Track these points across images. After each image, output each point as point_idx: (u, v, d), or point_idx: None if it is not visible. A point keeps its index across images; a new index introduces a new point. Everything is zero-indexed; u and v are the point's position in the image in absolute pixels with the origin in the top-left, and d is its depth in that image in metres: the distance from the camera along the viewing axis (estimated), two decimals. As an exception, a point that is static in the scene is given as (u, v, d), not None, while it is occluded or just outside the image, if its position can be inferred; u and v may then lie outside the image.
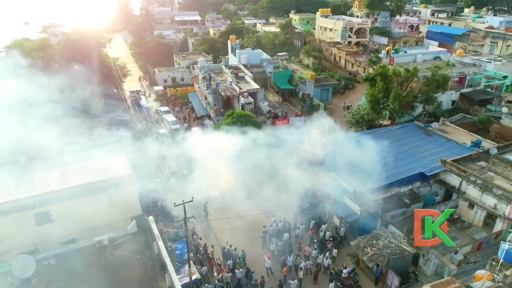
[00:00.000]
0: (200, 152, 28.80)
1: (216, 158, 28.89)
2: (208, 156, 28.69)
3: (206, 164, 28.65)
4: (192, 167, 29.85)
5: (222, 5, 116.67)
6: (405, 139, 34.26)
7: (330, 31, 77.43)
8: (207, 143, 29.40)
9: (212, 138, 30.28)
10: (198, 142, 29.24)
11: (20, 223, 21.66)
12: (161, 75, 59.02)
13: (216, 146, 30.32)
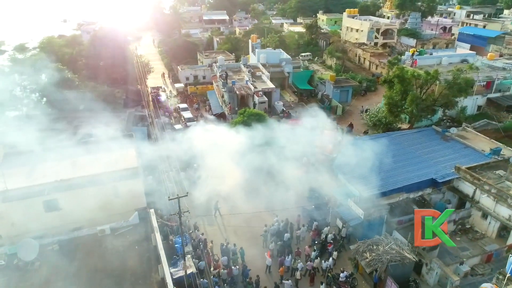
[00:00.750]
0: (207, 147, 29.19)
1: (221, 155, 29.25)
2: (215, 152, 29.07)
3: (213, 161, 29.05)
4: (201, 163, 30.31)
5: (250, 5, 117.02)
6: (420, 143, 33.19)
7: (356, 32, 75.99)
8: (213, 139, 29.74)
9: (218, 134, 30.58)
10: (205, 138, 29.60)
11: (30, 209, 22.74)
12: (184, 72, 60.12)
13: (222, 142, 30.70)
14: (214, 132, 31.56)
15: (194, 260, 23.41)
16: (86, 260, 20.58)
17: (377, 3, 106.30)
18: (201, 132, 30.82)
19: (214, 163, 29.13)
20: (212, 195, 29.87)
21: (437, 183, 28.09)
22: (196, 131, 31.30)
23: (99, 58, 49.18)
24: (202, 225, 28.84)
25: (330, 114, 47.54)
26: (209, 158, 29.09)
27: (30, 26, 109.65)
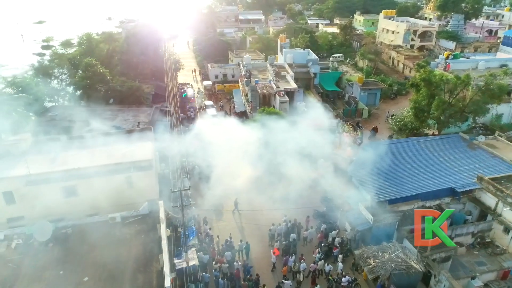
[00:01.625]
0: (220, 144, 29.68)
1: (234, 153, 29.64)
2: (227, 149, 29.51)
3: (225, 158, 29.49)
4: (214, 159, 30.84)
5: (287, 5, 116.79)
6: (444, 151, 31.75)
7: (392, 34, 73.77)
8: (226, 135, 30.18)
9: (232, 131, 30.97)
10: (218, 134, 30.07)
11: (50, 193, 24.22)
12: (213, 70, 61.17)
13: (235, 139, 31.09)
14: (228, 129, 31.95)
15: (199, 253, 23.92)
16: (94, 244, 21.61)
17: (418, 5, 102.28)
18: (216, 128, 31.31)
19: (227, 160, 29.59)
20: (228, 191, 30.38)
21: (456, 192, 26.78)
22: (211, 127, 31.84)
23: (132, 54, 51.24)
24: (214, 219, 29.31)
25: (355, 117, 46.85)
26: (222, 155, 29.57)
27: (78, 23, 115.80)
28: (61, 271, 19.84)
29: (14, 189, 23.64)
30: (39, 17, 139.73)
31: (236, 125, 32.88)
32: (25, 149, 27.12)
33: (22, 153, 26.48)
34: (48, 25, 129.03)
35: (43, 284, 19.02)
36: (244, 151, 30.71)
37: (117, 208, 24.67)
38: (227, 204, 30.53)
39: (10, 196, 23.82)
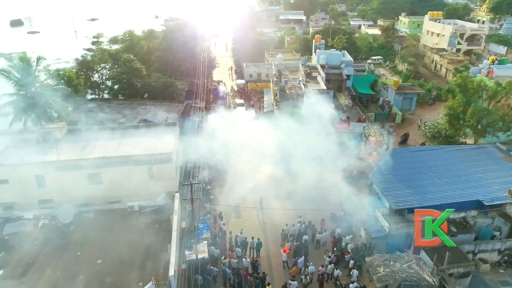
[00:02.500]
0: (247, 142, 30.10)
1: (255, 152, 29.89)
2: (249, 148, 29.82)
3: (245, 156, 29.83)
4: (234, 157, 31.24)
5: (329, 6, 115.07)
6: (476, 161, 29.96)
7: (437, 36, 70.43)
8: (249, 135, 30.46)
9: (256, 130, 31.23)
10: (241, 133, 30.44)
11: (77, 179, 25.90)
12: (248, 69, 61.82)
13: (261, 139, 31.28)
14: (253, 128, 32.21)
15: (210, 247, 24.43)
16: (111, 230, 22.80)
17: (469, 6, 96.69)
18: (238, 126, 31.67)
19: (246, 159, 29.93)
20: (246, 190, 30.73)
21: (484, 206, 25.24)
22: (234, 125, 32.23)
23: (169, 51, 53.04)
24: (232, 216, 29.67)
25: (387, 121, 45.39)
26: (240, 153, 29.93)
27: (128, 21, 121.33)
28: (78, 252, 21.15)
29: (45, 173, 25.46)
30: (92, 15, 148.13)
31: (258, 124, 33.05)
32: (59, 137, 29.07)
33: (56, 140, 28.42)
34: (100, 22, 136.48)
35: (61, 263, 20.38)
36: (262, 150, 30.93)
37: (138, 197, 25.80)
38: (244, 202, 30.75)
39: (42, 180, 25.71)
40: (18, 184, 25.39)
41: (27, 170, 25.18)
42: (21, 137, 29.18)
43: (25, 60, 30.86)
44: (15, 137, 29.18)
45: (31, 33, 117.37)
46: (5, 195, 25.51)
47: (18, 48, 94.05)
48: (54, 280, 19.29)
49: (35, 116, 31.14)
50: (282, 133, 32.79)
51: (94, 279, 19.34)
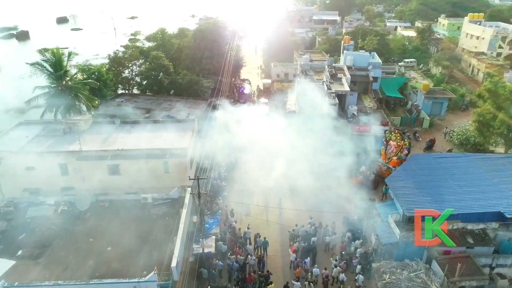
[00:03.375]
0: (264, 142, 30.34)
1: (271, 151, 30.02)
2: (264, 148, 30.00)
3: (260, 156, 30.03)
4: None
5: (365, 6, 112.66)
6: (503, 171, 28.31)
7: (477, 39, 67.10)
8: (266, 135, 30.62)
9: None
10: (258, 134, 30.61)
11: (97, 169, 27.15)
12: (275, 69, 61.74)
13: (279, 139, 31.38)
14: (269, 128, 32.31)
15: (218, 243, 24.83)
16: (124, 219, 23.72)
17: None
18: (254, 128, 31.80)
19: (260, 158, 30.12)
20: (259, 188, 30.97)
21: (506, 218, 23.89)
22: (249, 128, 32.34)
23: (197, 50, 54.14)
24: (243, 214, 29.87)
25: (414, 126, 44.03)
26: (257, 152, 30.14)
27: (166, 19, 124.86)
28: (91, 238, 22.21)
29: (67, 162, 26.89)
30: (133, 13, 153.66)
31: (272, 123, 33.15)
32: (84, 129, 30.58)
33: (81, 132, 29.93)
34: (139, 20, 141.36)
35: (74, 247, 21.49)
36: (277, 150, 31.00)
37: (153, 190, 26.63)
38: (258, 201, 30.84)
39: (65, 168, 27.20)
40: (44, 171, 26.93)
41: (51, 158, 26.71)
42: (51, 128, 30.93)
43: (57, 55, 32.69)
44: (46, 127, 30.98)
45: (75, 30, 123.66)
46: (32, 181, 27.16)
47: (61, 43, 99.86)
48: (66, 263, 20.37)
49: (64, 108, 32.88)
50: (296, 134, 32.80)
51: (102, 265, 20.24)
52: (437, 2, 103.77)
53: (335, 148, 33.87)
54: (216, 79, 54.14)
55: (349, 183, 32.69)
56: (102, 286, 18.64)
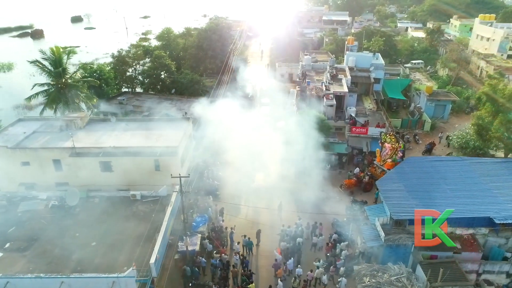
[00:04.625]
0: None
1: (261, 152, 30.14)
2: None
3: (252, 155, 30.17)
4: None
5: (376, 7, 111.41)
6: (498, 176, 27.67)
7: (487, 41, 65.66)
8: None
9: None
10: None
11: (90, 166, 27.68)
12: (280, 69, 61.73)
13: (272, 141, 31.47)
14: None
15: (204, 241, 25.02)
16: (112, 215, 24.14)
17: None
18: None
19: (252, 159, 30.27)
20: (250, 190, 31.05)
21: (496, 223, 23.38)
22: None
23: (200, 49, 54.57)
24: (234, 214, 29.91)
25: (415, 129, 43.43)
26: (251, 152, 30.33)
27: (177, 19, 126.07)
28: (77, 233, 22.67)
29: (61, 158, 27.49)
30: (145, 13, 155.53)
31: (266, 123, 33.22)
32: (80, 126, 31.19)
33: (77, 128, 30.56)
34: (152, 20, 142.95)
35: (60, 242, 21.96)
36: (270, 151, 31.08)
37: (145, 187, 27.00)
38: (249, 202, 30.81)
39: (58, 164, 27.79)
40: (38, 166, 27.64)
41: (45, 154, 27.37)
42: (49, 124, 31.64)
43: (57, 53, 33.43)
44: (44, 124, 31.72)
45: (88, 29, 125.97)
46: (27, 175, 27.88)
47: (73, 42, 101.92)
48: (51, 257, 20.87)
49: (63, 105, 33.60)
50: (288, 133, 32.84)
51: (85, 259, 20.63)
52: (451, 3, 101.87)
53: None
54: (218, 78, 54.55)
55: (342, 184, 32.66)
56: (81, 280, 19.02)
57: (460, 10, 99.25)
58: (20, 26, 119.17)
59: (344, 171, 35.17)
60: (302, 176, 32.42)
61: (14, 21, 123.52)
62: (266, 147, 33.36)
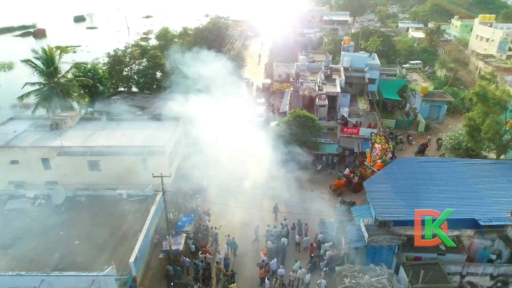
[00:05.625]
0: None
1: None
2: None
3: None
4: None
5: (377, 7, 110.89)
6: (487, 177, 27.51)
7: (486, 42, 65.17)
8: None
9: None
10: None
11: (78, 165, 27.86)
12: (277, 69, 61.65)
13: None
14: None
15: (188, 241, 25.07)
16: (97, 214, 24.38)
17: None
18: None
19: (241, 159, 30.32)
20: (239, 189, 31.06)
21: (481, 225, 23.25)
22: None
23: (197, 48, 54.56)
24: (222, 214, 29.77)
25: (409, 129, 43.22)
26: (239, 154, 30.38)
27: (179, 18, 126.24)
28: (61, 232, 22.84)
29: (49, 157, 27.67)
30: (148, 12, 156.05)
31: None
32: (71, 125, 31.38)
33: (68, 128, 30.76)
34: (154, 20, 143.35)
35: (44, 240, 22.20)
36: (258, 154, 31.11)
37: (132, 186, 27.14)
38: (238, 202, 30.73)
39: (47, 163, 27.96)
40: (27, 165, 27.84)
41: (34, 153, 27.55)
42: (40, 123, 31.87)
43: (49, 52, 33.66)
44: (35, 123, 31.95)
45: (90, 28, 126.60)
46: (16, 174, 28.10)
47: (75, 42, 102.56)
48: (33, 254, 21.07)
49: (55, 104, 33.81)
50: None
51: (67, 258, 20.85)
52: (452, 3, 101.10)
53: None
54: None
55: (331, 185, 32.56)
56: (62, 278, 19.18)
57: (462, 9, 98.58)
58: (23, 26, 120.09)
59: (335, 172, 35.04)
60: (292, 177, 32.45)
61: (17, 21, 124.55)
62: (257, 147, 33.44)
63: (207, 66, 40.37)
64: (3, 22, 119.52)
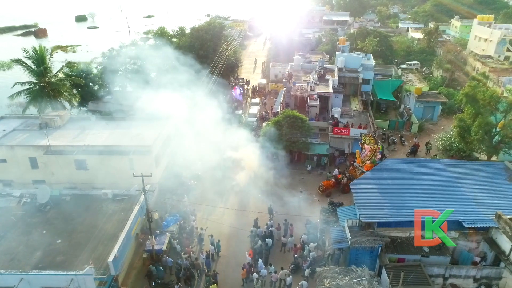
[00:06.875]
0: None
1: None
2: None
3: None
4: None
5: (377, 7, 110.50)
6: (475, 179, 27.31)
7: (485, 42, 64.71)
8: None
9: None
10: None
11: (65, 164, 27.91)
12: (274, 69, 61.54)
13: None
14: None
15: (173, 241, 25.08)
16: (81, 213, 24.37)
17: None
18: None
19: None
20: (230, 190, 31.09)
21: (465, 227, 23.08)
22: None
23: (193, 49, 54.60)
24: (207, 215, 29.63)
25: (402, 130, 43.03)
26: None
27: (180, 18, 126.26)
28: (44, 230, 22.90)
29: (37, 156, 27.77)
30: (149, 12, 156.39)
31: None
32: (60, 124, 31.48)
33: (57, 127, 30.87)
34: (155, 19, 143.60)
35: (26, 238, 22.25)
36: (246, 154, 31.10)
37: (117, 186, 27.18)
38: (224, 203, 30.71)
39: (34, 162, 28.07)
40: (15, 164, 27.96)
41: (21, 151, 27.67)
42: (29, 122, 32.00)
43: (40, 52, 33.78)
44: (24, 122, 32.09)
45: (91, 28, 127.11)
46: (4, 173, 28.25)
47: (76, 41, 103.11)
48: (15, 253, 21.12)
49: (45, 103, 33.93)
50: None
51: (48, 257, 20.88)
52: (455, 2, 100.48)
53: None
54: (211, 78, 54.58)
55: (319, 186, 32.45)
56: (40, 277, 19.23)
57: (463, 9, 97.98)
58: (25, 25, 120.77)
59: (325, 172, 34.93)
60: (281, 178, 32.43)
61: (19, 20, 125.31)
62: (245, 148, 33.45)
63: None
64: (5, 22, 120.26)
